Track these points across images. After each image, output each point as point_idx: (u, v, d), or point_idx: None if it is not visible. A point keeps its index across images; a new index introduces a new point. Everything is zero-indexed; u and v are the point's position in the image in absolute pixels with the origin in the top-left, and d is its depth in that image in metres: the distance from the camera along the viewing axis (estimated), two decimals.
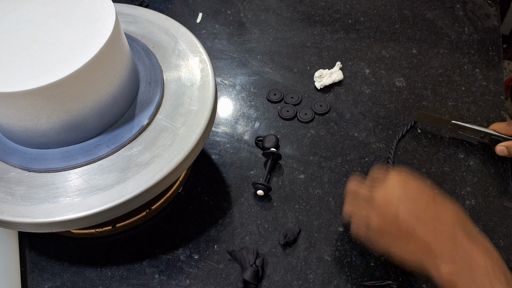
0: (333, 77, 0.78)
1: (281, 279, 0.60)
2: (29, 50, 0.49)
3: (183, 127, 0.56)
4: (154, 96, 0.58)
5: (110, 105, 0.53)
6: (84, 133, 0.53)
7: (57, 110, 0.49)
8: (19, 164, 0.53)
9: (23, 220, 0.49)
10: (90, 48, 0.48)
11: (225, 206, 0.66)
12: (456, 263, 0.45)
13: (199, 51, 0.63)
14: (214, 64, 0.82)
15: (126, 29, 0.66)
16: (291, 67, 0.83)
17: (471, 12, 0.91)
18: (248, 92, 0.80)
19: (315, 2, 0.94)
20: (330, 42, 0.87)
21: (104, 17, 0.51)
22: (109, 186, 0.51)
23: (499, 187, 0.67)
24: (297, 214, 0.65)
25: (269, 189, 0.66)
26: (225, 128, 0.75)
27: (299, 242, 0.63)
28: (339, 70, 0.80)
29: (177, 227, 0.65)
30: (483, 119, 0.74)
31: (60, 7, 0.53)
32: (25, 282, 0.61)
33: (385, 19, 0.91)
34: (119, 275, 0.61)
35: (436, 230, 0.47)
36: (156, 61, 0.61)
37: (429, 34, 0.87)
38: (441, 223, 0.47)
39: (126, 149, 0.54)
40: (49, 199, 0.50)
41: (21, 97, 0.46)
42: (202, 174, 0.70)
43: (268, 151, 0.68)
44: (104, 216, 0.51)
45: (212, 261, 0.61)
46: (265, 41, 0.88)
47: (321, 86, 0.79)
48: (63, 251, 0.63)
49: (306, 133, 0.74)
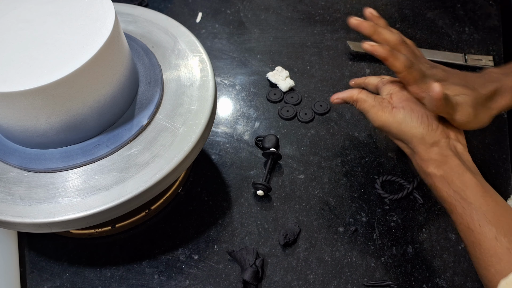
0: (287, 84, 0.79)
1: (281, 279, 0.59)
2: (28, 49, 0.49)
3: (182, 127, 0.55)
4: (154, 96, 0.58)
5: (110, 105, 0.53)
6: (83, 133, 0.53)
7: (56, 110, 0.49)
8: (19, 164, 0.53)
9: (22, 220, 0.49)
10: (90, 48, 0.48)
11: (225, 206, 0.66)
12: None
13: (198, 50, 0.63)
14: (214, 64, 0.82)
15: (126, 28, 0.65)
16: (291, 66, 0.83)
17: (471, 12, 0.90)
18: (248, 92, 0.80)
19: (315, 2, 0.94)
20: (330, 42, 0.87)
21: (104, 16, 0.51)
22: (109, 186, 0.51)
23: (499, 187, 0.67)
24: (297, 214, 0.65)
25: (269, 189, 0.66)
26: (225, 128, 0.75)
27: (299, 243, 0.62)
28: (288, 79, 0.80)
29: (176, 227, 0.65)
30: None
31: (59, 7, 0.52)
32: (24, 282, 0.60)
33: (385, 18, 0.90)
34: (118, 276, 0.61)
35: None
36: (155, 61, 0.61)
37: (430, 34, 0.87)
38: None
39: (125, 149, 0.54)
40: (49, 199, 0.50)
41: (20, 97, 0.46)
42: (202, 174, 0.70)
43: (268, 151, 0.68)
44: (103, 217, 0.50)
45: (212, 262, 0.61)
46: (265, 40, 0.87)
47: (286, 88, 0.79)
48: (63, 251, 0.63)
49: (306, 133, 0.74)
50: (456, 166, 0.49)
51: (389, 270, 0.60)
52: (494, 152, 0.70)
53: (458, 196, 0.48)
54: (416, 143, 0.52)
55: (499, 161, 0.69)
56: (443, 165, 0.50)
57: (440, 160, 0.50)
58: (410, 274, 0.59)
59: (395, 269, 0.60)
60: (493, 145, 0.71)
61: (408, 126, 0.53)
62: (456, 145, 0.52)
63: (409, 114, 0.53)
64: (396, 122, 0.54)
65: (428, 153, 0.51)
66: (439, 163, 0.50)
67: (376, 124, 0.56)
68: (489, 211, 0.46)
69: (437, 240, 0.62)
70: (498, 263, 0.43)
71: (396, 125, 0.54)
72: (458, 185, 0.48)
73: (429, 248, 0.61)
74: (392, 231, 0.63)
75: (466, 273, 0.59)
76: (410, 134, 0.53)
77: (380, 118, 0.55)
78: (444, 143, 0.51)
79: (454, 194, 0.48)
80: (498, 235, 0.44)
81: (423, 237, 0.62)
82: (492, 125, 0.73)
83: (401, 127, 0.53)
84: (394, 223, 0.64)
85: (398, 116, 0.54)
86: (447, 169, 0.50)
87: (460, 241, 0.62)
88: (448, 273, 0.59)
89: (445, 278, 0.59)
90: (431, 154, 0.51)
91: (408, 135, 0.53)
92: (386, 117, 0.54)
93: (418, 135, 0.52)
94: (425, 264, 0.60)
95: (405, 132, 0.53)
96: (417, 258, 0.61)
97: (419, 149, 0.52)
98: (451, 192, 0.49)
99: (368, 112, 0.56)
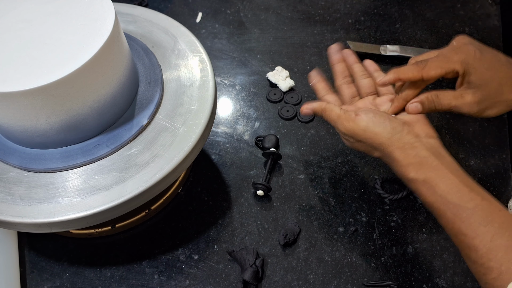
0: (287, 84, 0.79)
1: (281, 279, 0.59)
2: (28, 49, 0.49)
3: (182, 127, 0.55)
4: (154, 96, 0.58)
5: (110, 105, 0.53)
6: (83, 133, 0.53)
7: (56, 110, 0.49)
8: (18, 164, 0.53)
9: (22, 220, 0.49)
10: (89, 48, 0.48)
11: (225, 206, 0.66)
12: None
13: (198, 50, 0.63)
14: (214, 64, 0.82)
15: (126, 28, 0.65)
16: (291, 66, 0.83)
17: (471, 12, 0.90)
18: (248, 92, 0.80)
19: (315, 2, 0.94)
20: (330, 42, 0.86)
21: (104, 16, 0.51)
22: (109, 186, 0.51)
23: (499, 187, 0.67)
24: (297, 214, 0.65)
25: (269, 189, 0.66)
26: (225, 128, 0.75)
27: (299, 243, 0.62)
28: (288, 79, 0.80)
29: (176, 227, 0.65)
30: (483, 119, 0.74)
31: (59, 7, 0.52)
32: (24, 282, 0.60)
33: (385, 18, 0.91)
34: (118, 276, 0.61)
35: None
36: (155, 61, 0.61)
37: (430, 34, 0.87)
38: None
39: (125, 149, 0.54)
40: (49, 199, 0.50)
41: (20, 97, 0.46)
42: (202, 174, 0.70)
43: (268, 151, 0.68)
44: (103, 216, 0.50)
45: (212, 262, 0.61)
46: (265, 40, 0.87)
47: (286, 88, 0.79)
48: (63, 251, 0.63)
49: (306, 133, 0.74)
50: (436, 167, 0.48)
51: (389, 270, 0.60)
52: (494, 152, 0.70)
53: (445, 201, 0.46)
54: (389, 149, 0.51)
55: (499, 161, 0.69)
56: (422, 168, 0.49)
57: (418, 163, 0.49)
58: (410, 274, 0.59)
59: (395, 269, 0.60)
60: (493, 145, 0.71)
61: (372, 132, 0.52)
62: (429, 142, 0.51)
63: (371, 120, 0.52)
64: (361, 130, 0.53)
65: (406, 158, 0.50)
66: (419, 166, 0.49)
67: (345, 134, 0.55)
68: (479, 212, 0.44)
69: (437, 240, 0.62)
70: (498, 266, 0.42)
71: (362, 133, 0.53)
72: (443, 189, 0.47)
73: (429, 248, 0.61)
74: (392, 231, 0.63)
75: (466, 273, 0.59)
76: (378, 141, 0.52)
77: (347, 126, 0.54)
78: (418, 144, 0.50)
79: (440, 198, 0.47)
80: (493, 235, 0.43)
81: (423, 237, 0.62)
82: (492, 125, 0.73)
83: (367, 135, 0.52)
84: (394, 223, 0.64)
85: (361, 123, 0.53)
86: (427, 172, 0.48)
87: None
88: (448, 273, 0.59)
89: (445, 278, 0.59)
90: (408, 159, 0.50)
91: (376, 142, 0.52)
92: (351, 126, 0.53)
93: (385, 141, 0.51)
94: (425, 264, 0.60)
95: (372, 139, 0.52)
96: (417, 258, 0.61)
97: (395, 155, 0.50)
98: (437, 197, 0.47)
99: (336, 122, 0.55)
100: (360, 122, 0.53)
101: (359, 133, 0.53)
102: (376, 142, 0.52)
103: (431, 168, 0.48)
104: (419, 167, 0.49)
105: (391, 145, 0.51)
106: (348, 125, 0.54)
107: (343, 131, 0.55)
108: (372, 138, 0.52)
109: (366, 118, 0.53)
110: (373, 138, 0.52)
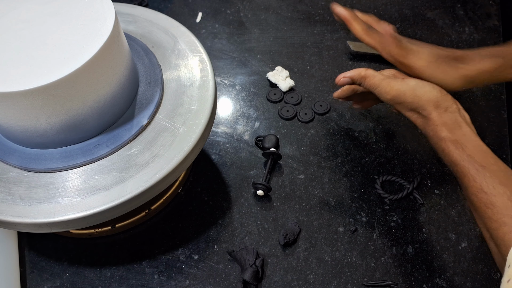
0: (287, 84, 0.79)
1: (281, 279, 0.59)
2: (28, 49, 0.49)
3: (182, 127, 0.55)
4: (154, 96, 0.58)
5: (110, 105, 0.53)
6: (83, 133, 0.53)
7: (56, 110, 0.49)
8: (19, 164, 0.53)
9: (22, 220, 0.49)
10: (89, 48, 0.48)
11: (225, 206, 0.66)
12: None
13: (198, 50, 0.63)
14: (214, 64, 0.82)
15: (126, 28, 0.65)
16: (291, 66, 0.83)
17: (471, 12, 0.90)
18: (248, 92, 0.80)
19: (315, 2, 0.94)
20: (330, 42, 0.87)
21: (104, 16, 0.51)
22: (109, 186, 0.51)
23: None
24: (297, 214, 0.65)
25: (269, 189, 0.66)
26: (225, 128, 0.75)
27: (299, 243, 0.62)
28: (288, 79, 0.80)
29: (176, 227, 0.65)
30: (483, 119, 0.74)
31: (59, 7, 0.52)
32: (24, 282, 0.60)
33: (385, 18, 0.90)
34: (118, 276, 0.61)
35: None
36: (155, 61, 0.61)
37: (430, 34, 0.87)
38: None
39: (125, 149, 0.54)
40: (49, 199, 0.50)
41: (20, 97, 0.46)
42: (202, 174, 0.70)
43: (268, 151, 0.68)
44: (103, 216, 0.50)
45: (212, 262, 0.61)
46: (265, 40, 0.87)
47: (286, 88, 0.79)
48: (63, 251, 0.63)
49: (306, 133, 0.74)
50: (468, 133, 0.53)
51: (389, 270, 0.60)
52: (494, 152, 0.70)
53: (472, 159, 0.50)
54: (431, 108, 0.54)
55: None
56: (456, 130, 0.53)
57: (453, 125, 0.53)
58: (410, 274, 0.59)
59: (395, 269, 0.60)
60: (493, 145, 0.71)
61: (422, 90, 0.55)
62: (465, 115, 0.55)
63: (421, 81, 0.56)
64: (410, 89, 0.56)
65: (442, 118, 0.54)
66: (452, 128, 0.53)
67: (389, 96, 0.57)
68: (501, 174, 0.49)
69: (437, 240, 0.62)
70: (511, 221, 0.45)
71: (411, 92, 0.56)
72: (471, 149, 0.51)
73: (429, 248, 0.61)
74: (392, 231, 0.63)
75: (466, 273, 0.59)
76: (426, 98, 0.55)
77: (394, 87, 0.56)
78: (456, 109, 0.54)
79: (467, 157, 0.50)
80: (511, 195, 0.47)
81: (423, 237, 0.62)
82: (492, 125, 0.73)
83: (416, 93, 0.55)
84: (394, 223, 0.64)
85: (411, 83, 0.56)
86: (459, 134, 0.52)
87: (460, 240, 0.62)
88: (448, 273, 0.59)
89: (445, 278, 0.59)
90: (444, 119, 0.54)
91: (423, 100, 0.55)
92: (400, 85, 0.56)
93: (433, 98, 0.55)
94: (425, 264, 0.60)
95: (420, 97, 0.55)
96: (417, 258, 0.61)
97: (433, 115, 0.54)
98: (464, 156, 0.51)
99: (379, 86, 0.58)
100: (410, 82, 0.56)
101: (407, 92, 0.56)
102: (423, 99, 0.55)
103: (463, 132, 0.53)
104: (453, 128, 0.53)
105: (435, 104, 0.54)
106: (395, 86, 0.57)
107: (387, 91, 0.57)
108: (420, 96, 0.55)
109: (414, 80, 0.57)
110: (421, 97, 0.55)
